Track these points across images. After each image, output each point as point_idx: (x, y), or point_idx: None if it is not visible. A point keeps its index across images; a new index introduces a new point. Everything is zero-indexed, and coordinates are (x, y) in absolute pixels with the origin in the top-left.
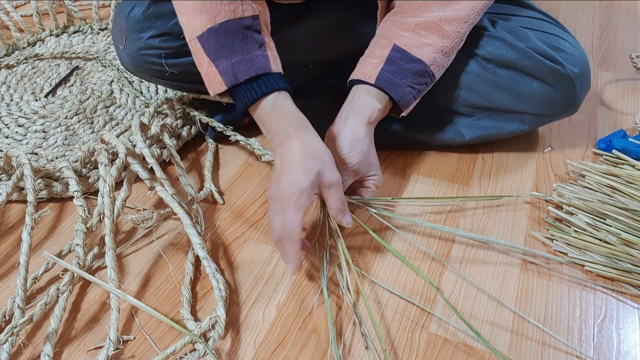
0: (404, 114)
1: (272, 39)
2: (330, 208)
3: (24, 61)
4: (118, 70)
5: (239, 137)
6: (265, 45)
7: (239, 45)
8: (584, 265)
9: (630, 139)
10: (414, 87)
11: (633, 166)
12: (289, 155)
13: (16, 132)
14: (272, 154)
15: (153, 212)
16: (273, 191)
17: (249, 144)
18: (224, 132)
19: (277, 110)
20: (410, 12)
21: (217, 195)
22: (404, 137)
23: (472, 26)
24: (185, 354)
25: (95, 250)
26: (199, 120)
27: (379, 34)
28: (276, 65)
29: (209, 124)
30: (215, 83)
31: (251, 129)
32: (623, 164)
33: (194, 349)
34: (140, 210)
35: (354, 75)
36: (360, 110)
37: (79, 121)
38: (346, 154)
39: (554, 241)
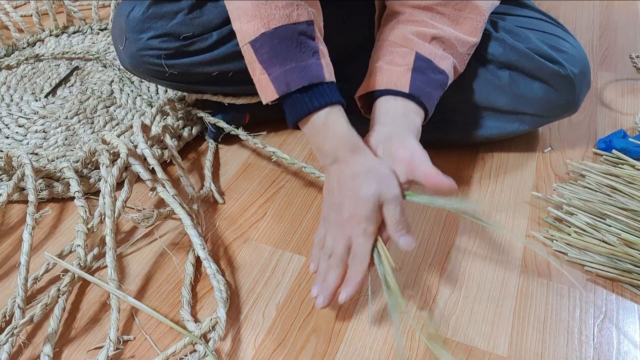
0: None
1: None
2: (388, 226)
3: (24, 61)
4: (119, 70)
5: (242, 135)
6: (319, 53)
7: (293, 52)
8: (584, 265)
9: (630, 139)
10: (437, 99)
11: (633, 166)
12: (345, 180)
13: (16, 132)
14: (322, 173)
15: (153, 211)
16: (333, 216)
17: (255, 142)
18: (230, 132)
19: (328, 129)
20: (422, 23)
21: (217, 195)
22: None
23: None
24: (186, 355)
25: (96, 250)
26: (207, 122)
27: (394, 42)
28: (329, 74)
29: (209, 124)
30: (267, 91)
31: (252, 127)
32: (623, 164)
33: (194, 350)
34: (140, 210)
35: (378, 85)
36: (407, 123)
37: (79, 121)
38: (418, 147)
39: (554, 241)
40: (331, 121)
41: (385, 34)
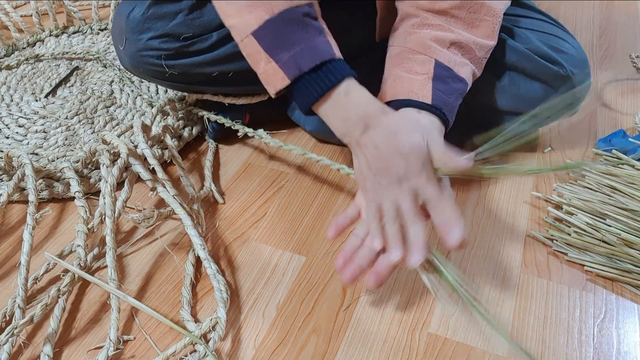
0: None
1: None
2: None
3: (24, 62)
4: (119, 70)
5: (248, 130)
6: (324, 32)
7: (300, 34)
8: (584, 265)
9: (630, 139)
10: (457, 108)
11: (633, 166)
12: (386, 140)
13: (16, 132)
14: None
15: (154, 211)
16: (384, 182)
17: (258, 135)
18: (232, 126)
19: (353, 99)
20: (439, 27)
21: (217, 195)
22: None
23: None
24: (186, 355)
25: (96, 250)
26: (207, 119)
27: (411, 48)
28: (338, 51)
29: (212, 122)
30: (276, 79)
31: (252, 128)
32: (623, 164)
33: (194, 350)
34: (140, 210)
35: (398, 93)
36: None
37: (79, 121)
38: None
39: (554, 241)
40: (353, 91)
41: (400, 39)
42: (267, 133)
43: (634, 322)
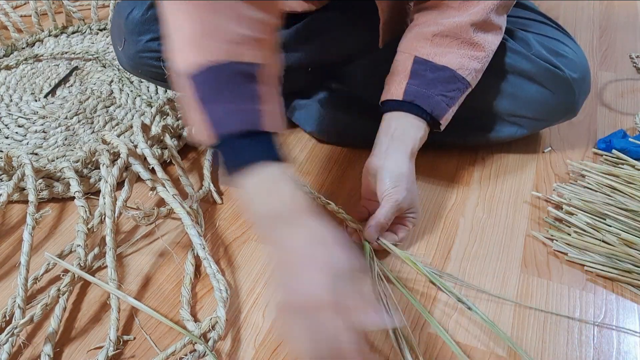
0: (442, 125)
1: None
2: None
3: (23, 62)
4: (119, 70)
5: None
6: (259, 99)
7: (229, 92)
8: (584, 265)
9: (630, 139)
10: (445, 95)
11: (633, 166)
12: (296, 252)
13: (16, 132)
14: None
15: (154, 209)
16: (296, 301)
17: None
18: None
19: (267, 187)
20: (426, 23)
21: (215, 195)
22: None
23: (491, 27)
24: (185, 355)
25: (96, 250)
26: None
27: (399, 50)
28: (271, 124)
29: None
30: (203, 131)
31: None
32: (623, 164)
33: (194, 350)
34: (141, 209)
35: (382, 97)
36: (402, 140)
37: (79, 121)
38: (390, 189)
39: (554, 241)
40: (271, 177)
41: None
42: None
43: (634, 322)
